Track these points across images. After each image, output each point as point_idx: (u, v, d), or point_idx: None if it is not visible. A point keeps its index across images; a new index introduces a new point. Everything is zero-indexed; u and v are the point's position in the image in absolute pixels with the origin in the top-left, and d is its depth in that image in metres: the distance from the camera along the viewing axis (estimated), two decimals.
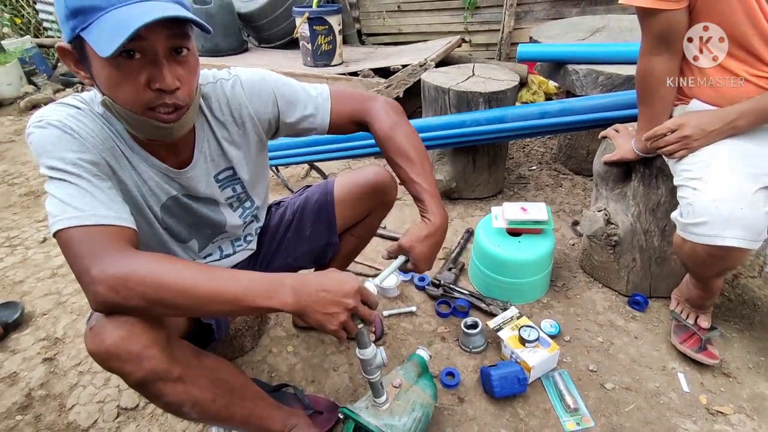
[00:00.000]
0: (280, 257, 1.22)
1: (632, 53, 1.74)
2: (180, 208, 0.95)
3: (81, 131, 0.77)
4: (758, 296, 1.52)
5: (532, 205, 1.52)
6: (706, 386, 1.24)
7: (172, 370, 0.76)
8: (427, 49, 3.07)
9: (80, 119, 0.78)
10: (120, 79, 0.71)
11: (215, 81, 0.93)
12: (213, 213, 1.01)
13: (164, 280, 0.69)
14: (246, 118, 0.96)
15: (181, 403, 0.80)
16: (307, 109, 1.00)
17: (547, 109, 1.80)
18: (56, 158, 0.73)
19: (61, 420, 1.24)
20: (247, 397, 0.92)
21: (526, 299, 1.54)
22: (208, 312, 0.74)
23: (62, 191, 0.73)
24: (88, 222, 0.72)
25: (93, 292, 0.69)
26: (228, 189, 1.01)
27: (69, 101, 0.81)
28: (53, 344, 1.48)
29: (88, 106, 0.81)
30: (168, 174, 0.90)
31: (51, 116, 0.76)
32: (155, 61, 0.71)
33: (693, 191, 1.04)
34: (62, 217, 0.71)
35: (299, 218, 1.21)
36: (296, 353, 1.41)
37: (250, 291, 0.73)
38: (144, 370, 0.73)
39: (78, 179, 0.74)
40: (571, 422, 1.16)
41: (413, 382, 1.09)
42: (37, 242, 2.03)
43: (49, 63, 4.56)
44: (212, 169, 0.96)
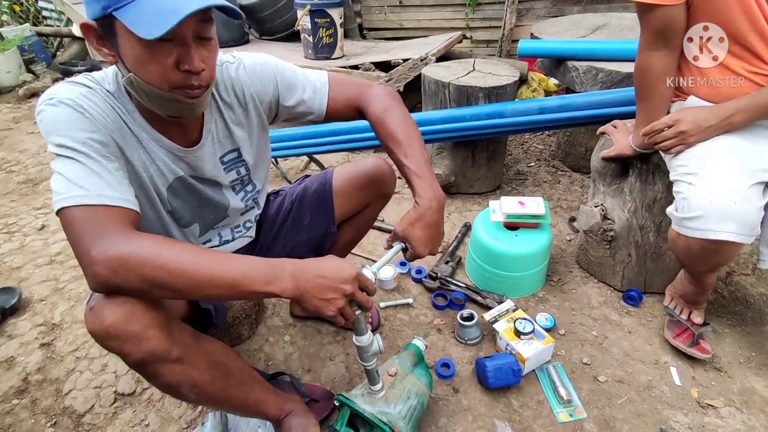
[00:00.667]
0: (279, 246, 1.22)
1: (632, 51, 1.73)
2: (186, 189, 0.96)
3: (92, 111, 0.78)
4: (751, 293, 1.53)
5: (530, 200, 1.53)
6: (697, 380, 1.25)
7: (171, 351, 0.77)
8: (429, 44, 3.06)
9: (91, 99, 0.79)
10: (150, 59, 0.73)
11: (221, 64, 0.96)
12: (217, 195, 1.02)
13: (164, 262, 0.70)
14: (249, 100, 0.98)
15: (180, 384, 0.81)
16: (305, 93, 1.02)
17: (547, 104, 1.80)
18: (66, 136, 0.74)
19: (57, 404, 1.25)
20: (244, 381, 0.93)
21: (522, 293, 1.56)
22: (207, 295, 0.74)
23: (69, 169, 0.73)
24: (92, 202, 0.72)
25: (92, 273, 0.69)
26: (233, 172, 1.03)
27: (80, 80, 0.81)
28: (50, 330, 1.48)
29: (98, 85, 0.82)
30: (177, 153, 0.91)
31: (63, 94, 0.76)
32: (185, 44, 0.74)
33: (688, 186, 1.05)
34: (67, 195, 0.72)
35: (298, 207, 1.22)
36: (293, 342, 1.42)
37: (250, 276, 0.74)
38: (143, 351, 0.74)
39: (86, 158, 0.74)
40: (564, 413, 1.17)
41: (409, 371, 1.10)
42: (35, 229, 2.03)
43: (49, 51, 4.54)
44: (219, 150, 0.98)
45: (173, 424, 1.19)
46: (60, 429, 1.19)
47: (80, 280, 1.70)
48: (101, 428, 1.19)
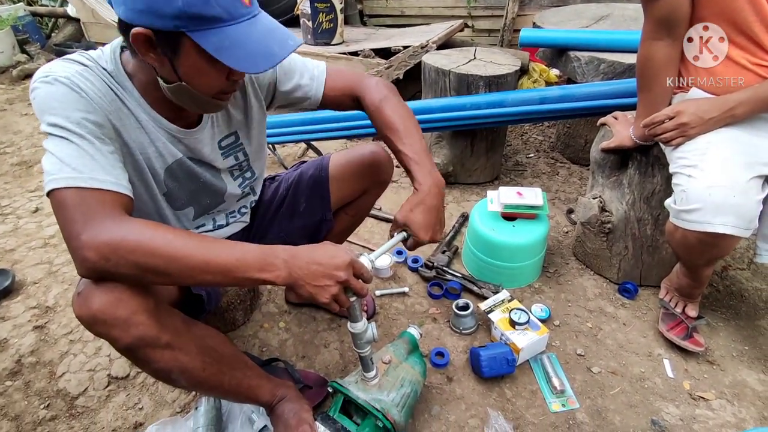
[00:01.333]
0: (273, 232, 1.21)
1: (635, 42, 1.71)
2: (184, 172, 0.95)
3: (88, 90, 0.76)
4: (746, 288, 1.54)
5: (528, 190, 1.53)
6: (690, 372, 1.26)
7: (160, 337, 0.76)
8: (430, 31, 3.03)
9: (88, 77, 0.77)
10: (209, 72, 0.75)
11: None
12: (215, 179, 1.01)
13: (157, 247, 0.69)
14: (248, 83, 0.98)
15: (170, 369, 0.80)
16: (303, 79, 1.02)
17: (548, 94, 1.79)
18: (61, 116, 0.72)
19: (51, 387, 1.25)
20: (236, 367, 0.93)
21: (518, 284, 1.56)
22: (200, 281, 0.74)
23: (62, 150, 0.72)
24: (84, 184, 0.70)
25: (81, 258, 0.68)
26: (231, 157, 1.02)
27: (76, 58, 0.79)
28: (44, 312, 1.47)
29: (95, 63, 0.80)
30: (176, 135, 0.90)
31: (59, 72, 0.74)
32: None
33: (688, 178, 1.04)
34: (58, 177, 0.70)
35: (293, 193, 1.21)
36: (288, 329, 1.42)
37: (243, 262, 0.73)
38: (131, 336, 0.73)
39: (80, 139, 0.73)
40: (556, 403, 1.18)
41: (403, 359, 1.10)
42: (29, 212, 2.01)
43: (43, 32, 4.46)
44: (217, 134, 0.98)
45: (167, 408, 1.19)
46: (53, 411, 1.19)
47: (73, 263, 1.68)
48: (94, 411, 1.19)
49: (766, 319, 1.42)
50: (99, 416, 1.18)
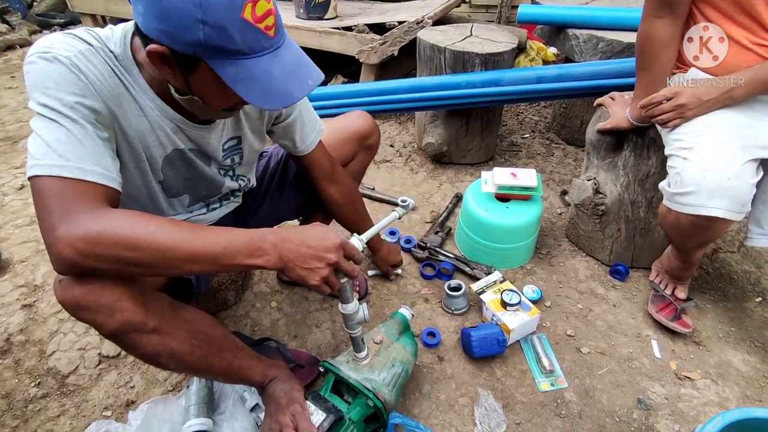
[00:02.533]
0: (265, 207, 1.21)
1: (635, 19, 1.69)
2: (184, 162, 0.92)
3: (89, 73, 0.71)
4: (735, 270, 1.55)
5: (523, 171, 1.51)
6: (677, 353, 1.28)
7: (146, 322, 0.74)
8: (425, 6, 2.95)
9: (91, 59, 0.72)
10: (223, 92, 0.72)
11: None
12: (213, 172, 1.00)
13: (138, 240, 0.66)
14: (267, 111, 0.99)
15: (158, 354, 0.79)
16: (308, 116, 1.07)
17: (545, 73, 1.76)
18: (54, 97, 0.68)
19: (41, 365, 1.24)
20: (226, 348, 0.92)
21: (510, 265, 1.56)
22: (187, 272, 0.72)
23: (50, 133, 0.67)
24: (69, 174, 0.66)
25: (56, 253, 0.64)
26: (228, 159, 1.01)
27: (82, 35, 0.74)
28: (32, 291, 1.46)
29: (102, 44, 0.75)
30: (182, 126, 0.87)
31: (61, 50, 0.70)
32: None
33: (683, 161, 1.03)
34: (42, 162, 0.66)
35: (283, 166, 1.21)
36: (279, 309, 1.42)
37: (231, 249, 0.71)
38: (116, 322, 0.71)
39: (72, 123, 0.68)
40: (545, 383, 1.19)
41: (394, 339, 1.10)
42: (15, 189, 1.97)
43: (24, 1, 4.30)
44: (225, 135, 0.96)
45: (158, 387, 1.19)
46: (44, 389, 1.18)
47: None
48: (86, 389, 1.19)
49: (754, 302, 1.44)
50: (90, 394, 1.18)
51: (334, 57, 2.71)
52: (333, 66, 3.06)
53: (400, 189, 1.98)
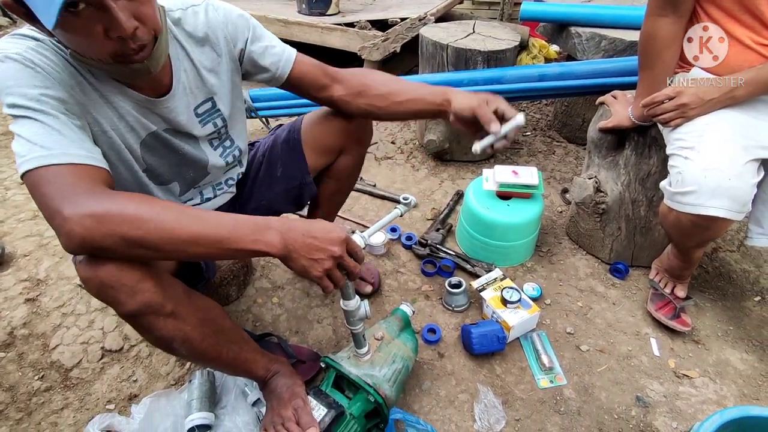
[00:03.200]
0: (255, 199, 1.18)
1: (638, 18, 1.69)
2: (162, 145, 0.92)
3: (44, 65, 0.71)
4: (734, 269, 1.56)
5: (524, 169, 1.52)
6: (675, 351, 1.29)
7: (165, 305, 0.76)
8: (428, 2, 2.94)
9: (42, 52, 0.72)
10: (75, 35, 0.67)
11: (185, 8, 0.89)
12: (195, 150, 0.98)
13: (145, 220, 0.66)
14: (222, 43, 0.93)
15: (172, 338, 0.80)
16: (274, 47, 0.99)
17: (547, 71, 1.76)
18: (17, 94, 0.68)
19: (44, 359, 1.25)
20: (233, 340, 0.93)
21: (510, 262, 1.57)
22: (191, 255, 0.72)
23: (27, 130, 0.68)
24: (57, 161, 0.67)
25: (67, 232, 0.64)
26: (209, 124, 0.98)
27: (26, 33, 0.73)
28: (35, 285, 1.47)
29: (48, 36, 0.74)
30: (147, 106, 0.85)
31: (9, 49, 0.69)
32: (104, 8, 0.65)
33: (684, 160, 1.04)
34: (29, 157, 0.67)
35: (269, 158, 1.17)
36: (281, 304, 1.43)
37: (236, 233, 0.71)
38: (137, 303, 0.72)
39: (43, 116, 0.69)
40: (545, 380, 1.20)
41: (395, 335, 1.11)
42: (17, 183, 1.97)
43: None
44: (192, 101, 0.92)
45: (161, 381, 1.20)
46: (48, 382, 1.20)
47: None
48: (89, 382, 1.20)
49: (752, 301, 1.45)
50: (94, 387, 1.19)
51: (336, 53, 2.71)
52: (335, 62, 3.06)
53: (401, 186, 1.99)
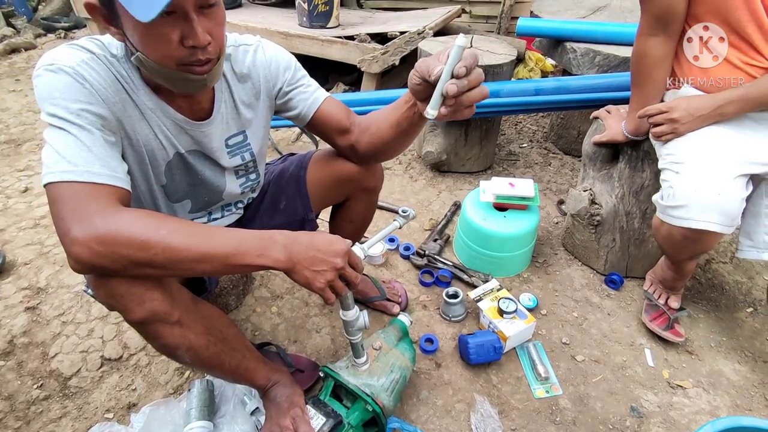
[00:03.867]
0: (257, 225, 1.18)
1: (630, 34, 1.73)
2: (184, 166, 0.94)
3: (93, 81, 0.74)
4: (727, 281, 1.58)
5: (520, 181, 1.54)
6: (669, 362, 1.30)
7: (172, 314, 0.78)
8: (427, 16, 2.99)
9: (94, 67, 0.76)
10: (153, 37, 0.71)
11: (237, 45, 0.94)
12: (215, 177, 0.99)
13: (151, 243, 0.67)
14: (261, 81, 0.97)
15: (177, 346, 0.82)
16: (308, 84, 1.02)
17: (543, 86, 1.79)
18: (60, 106, 0.71)
19: (43, 367, 1.26)
20: (237, 348, 0.95)
21: (507, 273, 1.59)
22: (199, 272, 0.74)
23: (60, 141, 0.71)
24: (79, 178, 0.69)
25: (74, 254, 0.66)
26: (237, 157, 1.00)
27: (84, 44, 0.78)
28: (36, 294, 1.48)
29: (103, 51, 0.79)
30: (184, 126, 0.89)
31: (64, 60, 0.73)
32: (186, 18, 0.71)
33: (675, 175, 1.07)
34: (54, 170, 0.69)
35: (274, 189, 1.19)
36: (280, 314, 1.44)
37: (241, 249, 0.73)
38: (146, 311, 0.75)
39: (79, 130, 0.72)
40: (540, 390, 1.22)
41: (393, 345, 1.13)
42: (19, 191, 1.99)
43: (30, 5, 4.34)
44: (225, 131, 0.96)
45: (160, 390, 1.21)
46: (46, 391, 1.20)
47: None
48: (88, 391, 1.20)
49: (745, 312, 1.47)
50: (92, 396, 1.19)
51: (335, 64, 2.75)
52: (334, 73, 3.10)
53: (399, 196, 2.01)
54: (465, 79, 0.68)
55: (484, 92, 0.72)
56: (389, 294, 1.43)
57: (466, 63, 0.67)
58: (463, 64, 0.67)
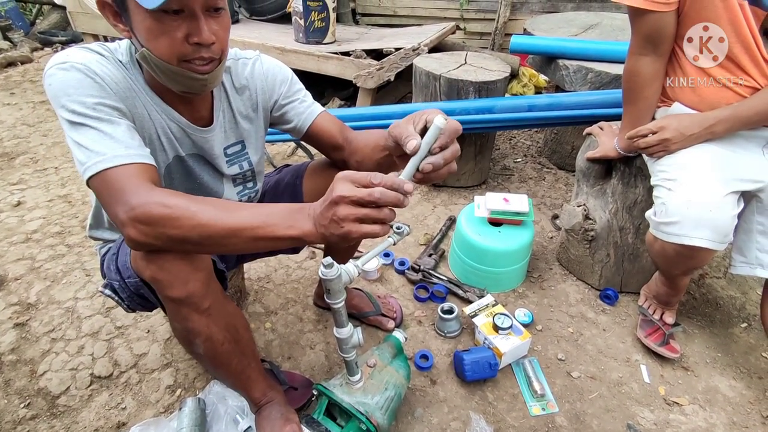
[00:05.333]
0: None
1: (622, 52, 1.76)
2: (183, 169, 0.96)
3: (105, 76, 0.78)
4: (721, 296, 1.59)
5: (515, 197, 1.55)
6: (665, 378, 1.30)
7: (205, 299, 0.82)
8: (422, 33, 3.04)
9: (104, 65, 0.79)
10: (160, 32, 0.74)
11: (237, 59, 0.97)
12: (213, 182, 1.01)
13: (182, 217, 0.69)
14: (258, 93, 0.99)
15: (199, 333, 0.85)
16: (303, 98, 1.03)
17: (536, 102, 1.81)
18: (77, 102, 0.74)
19: (31, 386, 1.23)
20: (246, 353, 0.97)
21: (502, 288, 1.58)
22: (232, 247, 0.73)
23: (85, 137, 0.73)
24: (110, 164, 0.72)
25: (126, 235, 0.71)
26: (235, 166, 1.03)
27: (93, 47, 0.81)
28: (25, 310, 1.45)
29: (111, 54, 0.82)
30: (186, 129, 0.91)
31: (75, 58, 0.76)
32: (194, 16, 0.74)
33: (668, 191, 1.08)
34: (90, 164, 0.72)
35: (269, 199, 1.19)
36: (274, 330, 1.42)
37: (270, 222, 0.71)
38: (186, 291, 0.79)
39: (98, 122, 0.74)
40: (536, 407, 1.20)
41: (388, 362, 1.12)
42: (11, 205, 1.97)
43: (27, 19, 4.37)
44: (224, 140, 0.98)
45: (150, 408, 1.19)
46: (33, 410, 1.18)
47: (57, 260, 1.66)
48: (76, 410, 1.18)
49: (739, 327, 1.47)
50: (81, 416, 1.17)
51: (331, 80, 2.78)
52: (330, 88, 3.13)
53: None
54: (440, 156, 0.70)
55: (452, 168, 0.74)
56: (384, 309, 1.42)
57: (442, 143, 0.70)
58: (439, 144, 0.69)
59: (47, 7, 4.38)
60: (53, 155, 2.42)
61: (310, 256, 1.73)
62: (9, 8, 4.10)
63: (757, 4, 0.99)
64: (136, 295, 0.89)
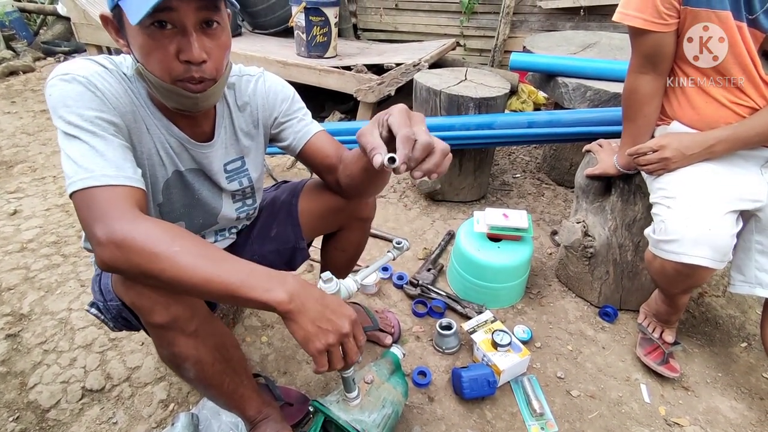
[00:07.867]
0: (247, 252, 1.15)
1: (620, 71, 1.79)
2: (182, 185, 0.94)
3: (105, 90, 0.77)
4: (720, 315, 1.58)
5: (514, 212, 1.55)
6: (665, 398, 1.28)
7: (191, 322, 0.80)
8: (422, 49, 3.08)
9: (107, 78, 0.78)
10: (151, 48, 0.73)
11: (241, 75, 0.97)
12: (212, 198, 1.00)
13: (160, 258, 0.66)
14: (259, 110, 0.99)
15: (187, 357, 0.83)
16: (302, 117, 1.03)
17: (535, 119, 1.83)
18: (74, 113, 0.73)
19: (21, 399, 1.21)
20: (238, 372, 0.94)
21: (501, 304, 1.57)
22: (203, 296, 0.73)
23: (75, 150, 0.72)
24: (96, 183, 0.71)
25: (98, 255, 0.69)
26: (235, 182, 1.01)
27: (98, 59, 0.81)
28: (18, 320, 1.43)
29: (116, 67, 0.82)
30: (186, 145, 0.90)
31: (78, 71, 0.75)
32: (184, 32, 0.73)
33: (667, 209, 1.08)
34: (75, 179, 0.71)
35: (265, 216, 1.18)
36: (270, 344, 1.41)
37: (248, 282, 0.68)
38: (170, 315, 0.77)
39: (92, 137, 0.73)
40: (535, 426, 1.18)
41: (385, 379, 1.10)
42: (7, 214, 1.96)
43: (31, 29, 4.40)
44: (224, 156, 0.98)
45: (142, 423, 1.16)
46: (22, 424, 1.15)
47: (52, 270, 1.65)
48: (66, 425, 1.15)
49: (739, 347, 1.46)
50: (71, 430, 1.14)
51: (332, 93, 2.80)
52: (331, 102, 3.15)
53: (393, 225, 2.01)
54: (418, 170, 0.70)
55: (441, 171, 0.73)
56: (382, 324, 1.41)
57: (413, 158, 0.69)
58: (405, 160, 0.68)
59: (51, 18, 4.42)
60: (52, 164, 2.41)
61: (308, 269, 1.72)
62: (13, 18, 4.13)
63: (756, 26, 1.00)
64: (120, 317, 0.88)
